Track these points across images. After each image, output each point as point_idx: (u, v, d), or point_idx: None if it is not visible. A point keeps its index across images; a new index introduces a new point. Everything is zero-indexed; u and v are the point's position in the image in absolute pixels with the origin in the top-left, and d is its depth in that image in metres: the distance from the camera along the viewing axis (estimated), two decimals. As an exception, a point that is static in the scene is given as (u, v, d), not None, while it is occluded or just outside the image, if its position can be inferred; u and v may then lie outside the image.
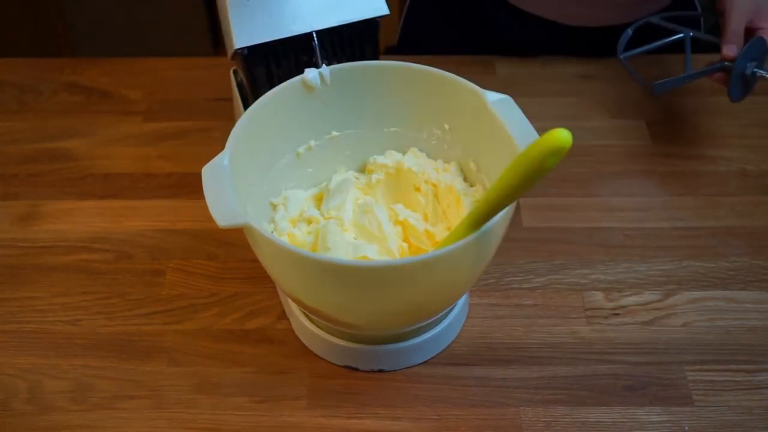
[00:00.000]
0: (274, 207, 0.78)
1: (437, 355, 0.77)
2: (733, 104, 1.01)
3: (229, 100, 0.98)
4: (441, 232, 0.75)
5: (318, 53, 0.79)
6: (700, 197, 0.91)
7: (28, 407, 0.73)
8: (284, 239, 0.75)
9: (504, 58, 1.08)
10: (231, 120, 0.92)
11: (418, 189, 0.79)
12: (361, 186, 0.80)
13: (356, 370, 0.76)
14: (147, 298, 0.82)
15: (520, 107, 0.71)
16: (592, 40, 1.06)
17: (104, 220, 0.89)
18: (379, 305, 0.67)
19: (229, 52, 0.80)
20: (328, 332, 0.75)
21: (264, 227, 0.74)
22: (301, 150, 0.79)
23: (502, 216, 0.64)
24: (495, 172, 0.69)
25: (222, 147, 0.69)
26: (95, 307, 0.81)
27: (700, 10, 1.09)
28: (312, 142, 0.80)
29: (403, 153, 0.81)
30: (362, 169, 0.83)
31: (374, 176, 0.80)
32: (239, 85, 0.87)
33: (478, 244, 0.64)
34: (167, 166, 0.95)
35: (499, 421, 0.72)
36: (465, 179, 0.79)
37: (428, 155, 0.81)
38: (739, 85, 0.90)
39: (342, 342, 0.74)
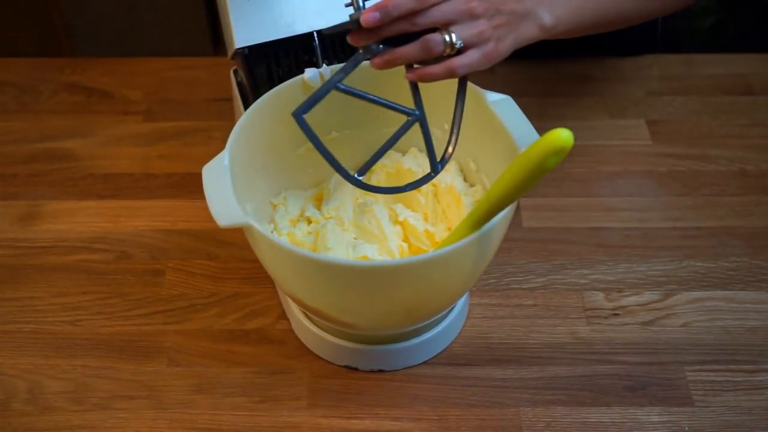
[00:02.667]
0: (274, 207, 0.78)
1: (437, 355, 0.77)
2: (733, 104, 1.02)
3: (229, 100, 0.98)
4: (441, 232, 0.75)
5: (318, 53, 0.79)
6: (700, 197, 0.91)
7: (28, 407, 0.73)
8: (284, 239, 0.75)
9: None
10: (231, 120, 0.92)
11: (418, 189, 0.79)
12: (361, 186, 0.80)
13: (356, 370, 0.76)
14: (147, 298, 0.82)
15: (520, 107, 0.71)
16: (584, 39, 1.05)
17: (104, 220, 0.89)
18: (379, 305, 0.67)
19: (230, 52, 0.80)
20: (328, 332, 0.75)
21: (264, 227, 0.74)
22: (301, 150, 0.79)
23: (503, 216, 0.64)
24: (495, 172, 0.69)
25: (222, 147, 0.69)
26: (95, 307, 0.81)
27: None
28: (312, 143, 0.80)
29: (403, 153, 0.81)
30: (362, 169, 0.83)
31: (374, 176, 0.80)
32: (239, 85, 0.87)
33: (478, 244, 0.64)
34: (167, 166, 0.95)
35: (499, 422, 0.72)
36: (465, 179, 0.79)
37: (428, 155, 0.81)
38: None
39: (342, 342, 0.74)
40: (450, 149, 0.69)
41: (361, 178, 0.68)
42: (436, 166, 0.69)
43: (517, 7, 0.68)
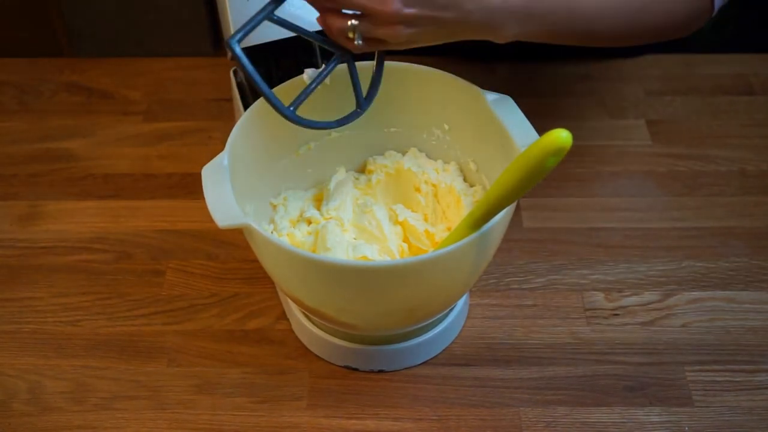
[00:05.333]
0: (274, 207, 0.78)
1: (437, 355, 0.77)
2: (733, 104, 1.02)
3: (229, 100, 0.98)
4: (441, 232, 0.75)
5: (318, 53, 0.79)
6: (700, 197, 0.91)
7: (29, 408, 0.73)
8: (284, 239, 0.75)
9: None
10: (231, 120, 0.92)
11: (418, 189, 0.79)
12: (361, 186, 0.80)
13: (356, 370, 0.76)
14: (147, 299, 0.82)
15: (519, 107, 0.71)
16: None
17: (104, 220, 0.89)
18: (379, 305, 0.67)
19: (229, 53, 0.80)
20: (328, 332, 0.75)
21: (264, 227, 0.75)
22: (301, 150, 0.79)
23: (502, 216, 0.64)
24: (495, 172, 0.70)
25: (222, 147, 0.69)
26: (95, 308, 0.81)
27: None
28: (312, 143, 0.80)
29: (403, 153, 0.81)
30: (362, 170, 0.83)
31: (374, 176, 0.80)
32: (239, 85, 0.87)
33: (478, 244, 0.64)
34: (167, 166, 0.95)
35: (499, 422, 0.72)
36: (465, 179, 0.79)
37: (428, 155, 0.81)
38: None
39: (342, 342, 0.74)
40: (374, 91, 0.71)
41: (292, 109, 0.68)
42: (363, 103, 0.71)
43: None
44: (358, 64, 0.70)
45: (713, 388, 0.74)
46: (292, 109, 0.67)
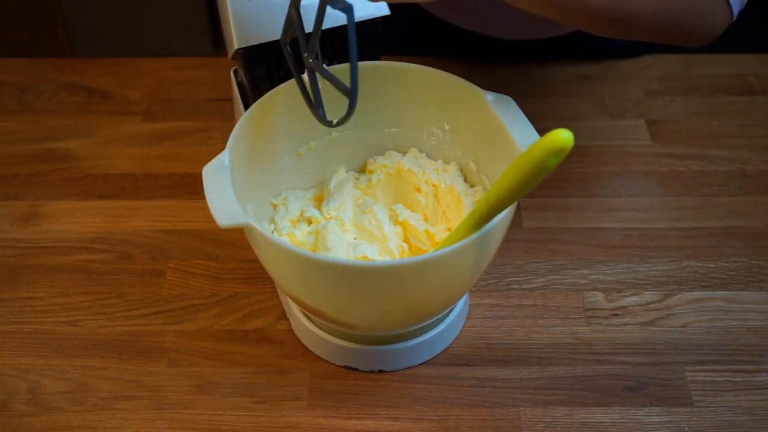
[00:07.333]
0: (275, 207, 0.78)
1: (437, 355, 0.77)
2: (733, 104, 1.02)
3: (229, 100, 0.98)
4: (441, 233, 0.75)
5: (318, 53, 0.79)
6: (700, 197, 0.91)
7: (28, 408, 0.73)
8: (284, 239, 0.75)
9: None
10: (231, 120, 0.93)
11: (418, 189, 0.79)
12: (361, 186, 0.80)
13: (356, 370, 0.76)
14: (147, 299, 0.82)
15: (520, 107, 0.71)
16: (585, 43, 1.05)
17: (104, 220, 0.89)
18: (379, 305, 0.67)
19: (230, 53, 0.80)
20: (328, 332, 0.75)
21: (264, 227, 0.75)
22: (301, 150, 0.79)
23: (503, 216, 0.64)
24: (495, 173, 0.70)
25: (222, 147, 0.69)
26: (95, 308, 0.81)
27: None
28: (312, 143, 0.80)
29: (403, 153, 0.81)
30: (362, 170, 0.83)
31: (374, 177, 0.80)
32: (239, 85, 0.87)
33: (479, 244, 0.64)
34: (167, 166, 0.95)
35: (499, 422, 0.72)
36: (465, 179, 0.79)
37: (428, 155, 0.81)
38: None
39: (342, 342, 0.74)
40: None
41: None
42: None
43: None
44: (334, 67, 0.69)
45: (713, 388, 0.74)
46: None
